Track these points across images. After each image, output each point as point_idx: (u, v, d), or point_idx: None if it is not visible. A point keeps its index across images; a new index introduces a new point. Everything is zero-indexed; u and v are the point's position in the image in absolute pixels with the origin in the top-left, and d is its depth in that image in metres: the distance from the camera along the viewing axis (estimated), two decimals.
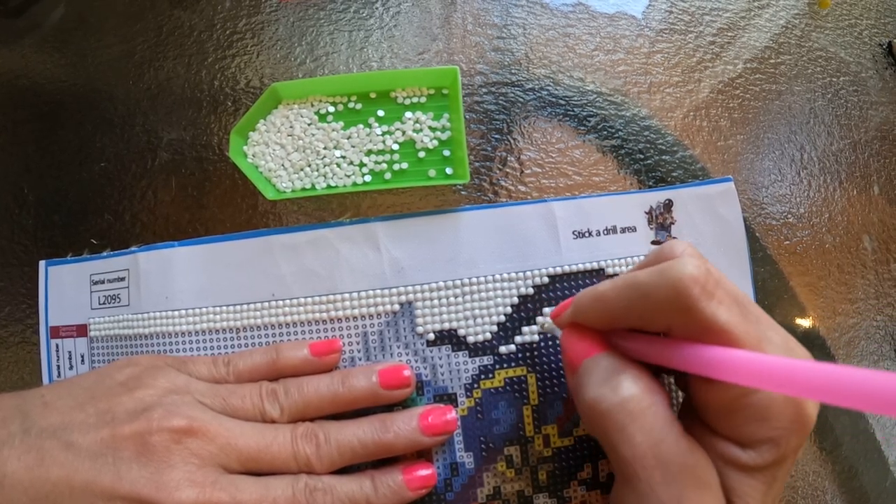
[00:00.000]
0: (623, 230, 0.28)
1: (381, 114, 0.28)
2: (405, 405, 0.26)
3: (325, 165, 0.28)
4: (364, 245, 0.27)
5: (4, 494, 0.20)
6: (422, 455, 0.25)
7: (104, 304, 0.28)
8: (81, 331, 0.28)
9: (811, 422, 0.18)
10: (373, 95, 0.28)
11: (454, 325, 0.26)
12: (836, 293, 0.29)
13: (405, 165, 0.28)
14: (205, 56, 0.29)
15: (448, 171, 0.28)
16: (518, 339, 0.26)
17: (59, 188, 0.29)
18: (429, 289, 0.27)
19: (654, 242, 0.28)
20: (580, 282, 0.27)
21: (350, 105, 0.28)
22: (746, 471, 0.18)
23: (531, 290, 0.27)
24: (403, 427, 0.24)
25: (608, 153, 0.29)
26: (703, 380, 0.18)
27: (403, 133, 0.28)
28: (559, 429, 0.26)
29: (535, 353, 0.26)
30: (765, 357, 0.16)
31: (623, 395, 0.18)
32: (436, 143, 0.28)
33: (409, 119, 0.28)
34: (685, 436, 0.18)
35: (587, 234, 0.27)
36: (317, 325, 0.27)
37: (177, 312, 0.27)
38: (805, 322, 0.29)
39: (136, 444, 0.21)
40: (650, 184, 0.29)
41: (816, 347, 0.29)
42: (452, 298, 0.27)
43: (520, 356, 0.26)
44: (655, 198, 0.28)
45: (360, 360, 0.26)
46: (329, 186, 0.27)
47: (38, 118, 0.30)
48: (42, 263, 0.28)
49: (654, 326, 0.19)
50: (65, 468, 0.20)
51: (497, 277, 0.27)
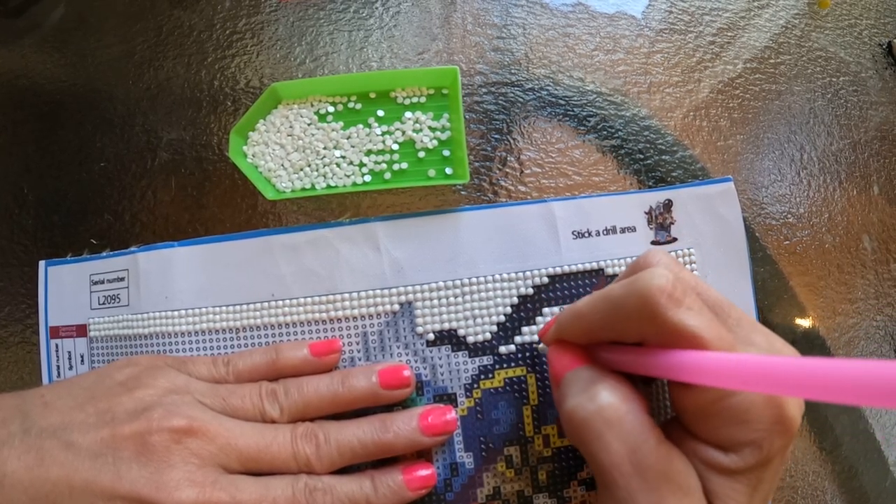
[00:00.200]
0: (623, 230, 0.28)
1: (381, 114, 0.28)
2: (405, 405, 0.26)
3: (325, 165, 0.28)
4: (364, 245, 0.27)
5: (4, 494, 0.20)
6: (422, 455, 0.25)
7: (104, 305, 0.28)
8: (81, 331, 0.28)
9: (794, 423, 0.18)
10: (372, 95, 0.28)
11: (454, 326, 0.26)
12: (836, 293, 0.29)
13: (405, 165, 0.28)
14: (204, 56, 0.29)
15: (448, 171, 0.28)
16: (518, 340, 0.26)
17: (59, 188, 0.29)
18: (429, 289, 0.27)
19: (654, 242, 0.28)
20: (580, 282, 0.27)
21: (350, 105, 0.28)
22: (729, 474, 0.18)
23: (531, 291, 0.27)
24: (403, 427, 0.24)
25: (608, 153, 0.29)
26: (681, 385, 0.18)
27: (403, 133, 0.28)
28: (559, 429, 0.26)
29: (535, 354, 0.26)
30: (730, 356, 0.16)
31: (599, 404, 0.18)
32: (435, 143, 0.28)
33: (409, 119, 0.28)
34: (664, 442, 0.18)
35: (587, 234, 0.27)
36: (317, 326, 0.27)
37: (176, 312, 0.27)
38: (805, 322, 0.29)
39: (136, 444, 0.21)
40: (650, 184, 0.29)
41: (816, 347, 0.29)
42: (452, 298, 0.27)
43: (519, 356, 0.26)
44: (655, 198, 0.28)
45: (360, 361, 0.26)
46: (329, 186, 0.27)
47: (38, 118, 0.30)
48: (42, 263, 0.28)
49: (629, 337, 0.19)
50: (65, 468, 0.20)
51: (497, 277, 0.27)
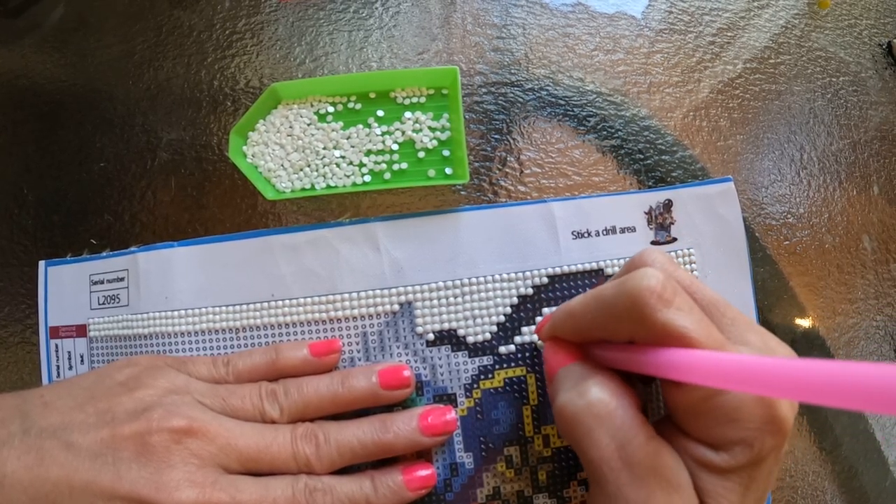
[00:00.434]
0: (622, 230, 0.28)
1: (381, 114, 0.28)
2: (405, 405, 0.26)
3: (325, 165, 0.28)
4: (364, 245, 0.27)
5: (4, 494, 0.20)
6: (421, 455, 0.25)
7: (104, 305, 0.28)
8: (81, 331, 0.28)
9: (786, 423, 0.18)
10: (372, 95, 0.28)
11: (454, 326, 0.26)
12: (836, 293, 0.29)
13: (405, 165, 0.28)
14: (204, 56, 0.29)
15: (448, 171, 0.28)
16: (518, 340, 0.26)
17: (59, 188, 0.29)
18: (428, 289, 0.27)
19: (654, 242, 0.28)
20: (579, 282, 0.27)
21: (349, 105, 0.28)
22: (720, 473, 0.18)
23: (531, 291, 0.27)
24: (403, 427, 0.24)
25: (608, 153, 0.29)
26: (672, 383, 0.18)
27: (403, 133, 0.28)
28: (559, 429, 0.26)
29: (535, 354, 0.26)
30: (716, 354, 0.16)
31: (589, 399, 0.19)
32: (435, 143, 0.28)
33: (409, 119, 0.28)
34: (654, 438, 0.18)
35: (587, 235, 0.27)
36: (316, 326, 0.27)
37: (176, 312, 0.27)
38: (805, 322, 0.29)
39: (136, 444, 0.21)
40: (650, 184, 0.29)
41: (816, 347, 0.29)
42: (452, 298, 0.27)
43: (519, 356, 0.26)
44: (655, 198, 0.28)
45: (360, 361, 0.26)
46: (329, 186, 0.27)
47: (38, 118, 0.30)
48: (42, 263, 0.28)
49: (620, 336, 0.19)
50: (64, 468, 0.20)
51: (497, 278, 0.27)
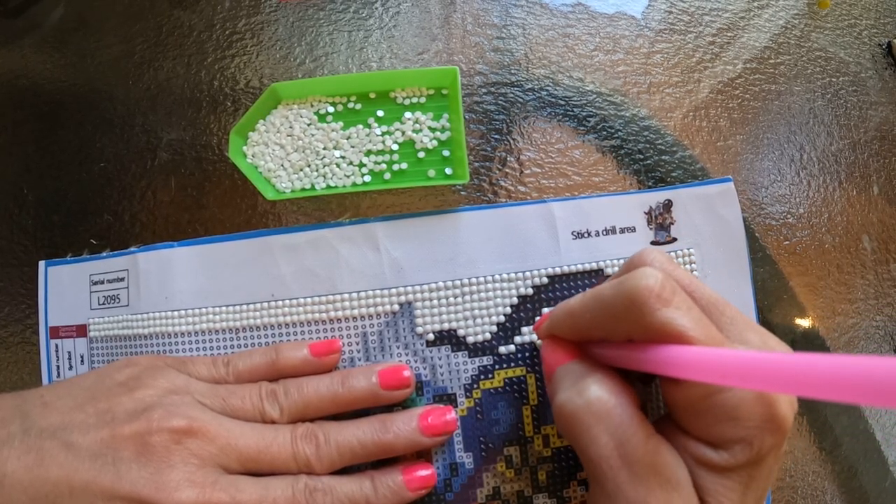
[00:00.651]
0: (622, 230, 0.28)
1: (381, 114, 0.28)
2: (405, 406, 0.26)
3: (325, 166, 0.28)
4: (364, 245, 0.27)
5: (4, 494, 0.20)
6: (421, 455, 0.25)
7: (104, 305, 0.28)
8: (81, 331, 0.28)
9: (785, 421, 0.18)
10: (372, 96, 0.28)
11: (454, 326, 0.26)
12: (836, 293, 0.29)
13: (405, 166, 0.28)
14: (204, 56, 0.29)
15: (447, 172, 0.28)
16: (518, 340, 0.26)
17: (59, 188, 0.29)
18: (428, 289, 0.27)
19: (654, 243, 0.28)
20: (579, 282, 0.27)
21: (349, 105, 0.28)
22: (719, 471, 0.18)
23: (531, 291, 0.27)
24: (403, 427, 0.24)
25: (608, 153, 0.29)
26: (671, 381, 0.18)
27: (403, 133, 0.28)
28: (559, 429, 0.26)
29: (535, 354, 0.26)
30: (714, 350, 0.16)
31: (588, 397, 0.19)
32: (435, 144, 0.28)
33: (409, 119, 0.28)
34: (653, 436, 0.18)
35: (586, 235, 0.27)
36: (316, 326, 0.27)
37: (176, 313, 0.27)
38: (805, 322, 0.29)
39: (136, 445, 0.21)
40: (650, 184, 0.29)
41: (816, 347, 0.29)
42: (452, 299, 0.27)
43: (519, 356, 0.26)
44: (655, 198, 0.28)
45: (360, 361, 0.26)
46: (328, 187, 0.27)
47: (38, 118, 0.30)
48: (41, 264, 0.28)
49: (619, 336, 0.19)
50: (64, 468, 0.20)
51: (496, 278, 0.27)
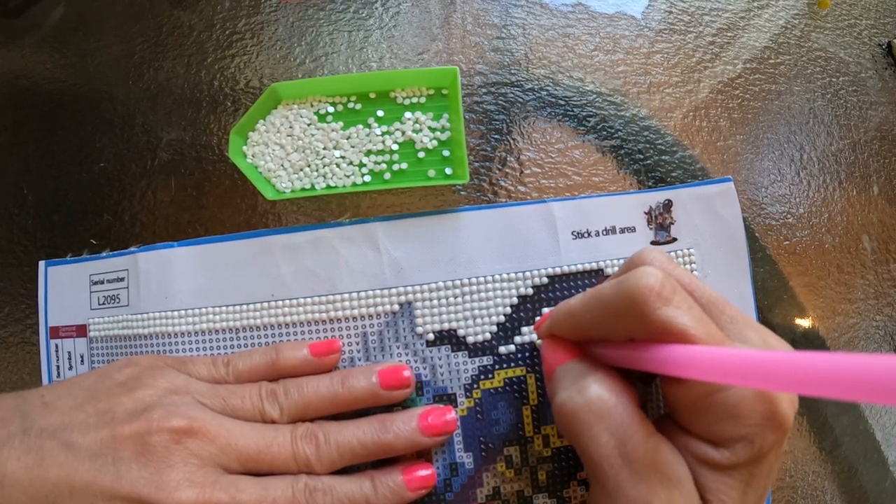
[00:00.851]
0: (622, 230, 0.28)
1: (381, 114, 0.28)
2: (405, 406, 0.26)
3: (325, 166, 0.28)
4: (364, 245, 0.27)
5: (4, 494, 0.20)
6: (421, 455, 0.25)
7: (104, 305, 0.28)
8: (81, 331, 0.28)
9: (786, 419, 0.18)
10: (372, 96, 0.28)
11: (454, 326, 0.26)
12: (836, 293, 0.29)
13: (405, 166, 0.28)
14: (204, 56, 0.29)
15: (447, 172, 0.28)
16: (518, 340, 0.26)
17: (59, 188, 0.29)
18: (428, 289, 0.27)
19: (654, 242, 0.28)
20: (579, 282, 0.27)
21: (349, 105, 0.28)
22: (721, 469, 0.18)
23: (531, 291, 0.27)
24: (403, 427, 0.24)
25: (608, 153, 0.29)
26: (671, 379, 0.18)
27: (403, 133, 0.28)
28: (559, 429, 0.26)
29: (535, 354, 0.26)
30: (715, 349, 0.16)
31: (589, 396, 0.19)
32: (435, 144, 0.28)
33: (409, 119, 0.28)
34: (654, 434, 0.18)
35: (586, 235, 0.27)
36: (316, 326, 0.27)
37: (176, 313, 0.27)
38: (805, 322, 0.29)
39: (136, 445, 0.21)
40: (650, 184, 0.29)
41: (816, 347, 0.29)
42: (452, 299, 0.27)
43: (519, 356, 0.26)
44: (655, 198, 0.28)
45: (360, 361, 0.26)
46: (328, 187, 0.27)
47: (38, 118, 0.30)
48: (41, 264, 0.28)
49: (619, 335, 0.19)
50: (64, 468, 0.20)
51: (496, 278, 0.27)
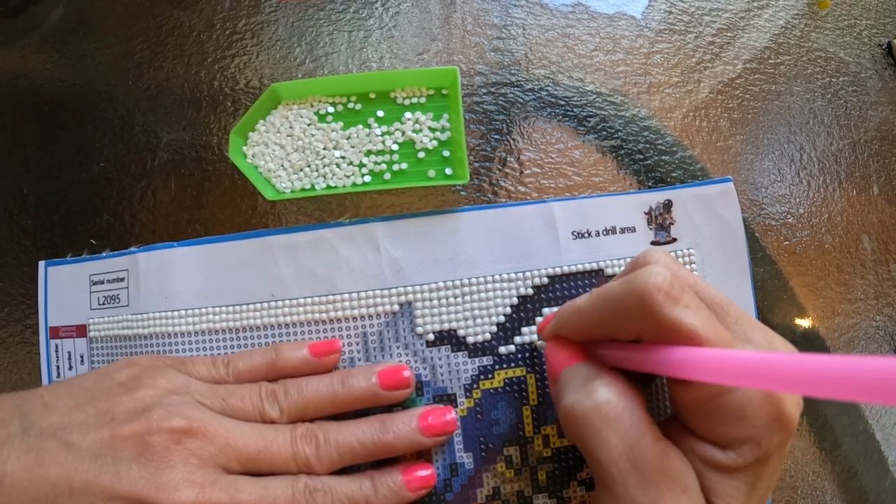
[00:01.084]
0: (622, 230, 0.28)
1: (381, 114, 0.28)
2: (405, 406, 0.26)
3: (325, 166, 0.28)
4: (364, 245, 0.27)
5: (4, 495, 0.20)
6: (421, 455, 0.25)
7: (104, 305, 0.28)
8: (81, 331, 0.28)
9: (792, 420, 0.18)
10: (372, 96, 0.28)
11: (454, 326, 0.26)
12: (836, 293, 0.29)
13: (405, 166, 0.28)
14: (204, 56, 0.29)
15: (448, 172, 0.28)
16: (518, 340, 0.26)
17: (59, 188, 0.29)
18: (428, 289, 0.27)
19: (654, 243, 0.28)
20: (579, 282, 0.27)
21: (349, 105, 0.28)
22: (727, 471, 0.18)
23: (531, 291, 0.27)
24: (403, 428, 0.24)
25: (608, 153, 0.29)
26: (678, 381, 0.18)
27: (403, 133, 0.28)
28: (559, 429, 0.26)
29: (535, 354, 0.26)
30: (725, 352, 0.16)
31: (597, 400, 0.19)
32: (435, 144, 0.28)
33: (409, 119, 0.28)
34: (661, 439, 0.18)
35: (587, 235, 0.27)
36: (316, 326, 0.27)
37: (176, 313, 0.27)
38: (804, 322, 0.29)
39: (136, 445, 0.21)
40: (650, 184, 0.29)
41: (816, 347, 0.29)
42: (452, 299, 0.27)
43: (519, 356, 0.26)
44: (655, 198, 0.28)
45: (360, 361, 0.26)
46: (328, 187, 0.27)
47: (38, 118, 0.30)
48: (41, 264, 0.28)
49: (627, 335, 0.19)
50: (64, 468, 0.20)
51: (497, 278, 0.27)
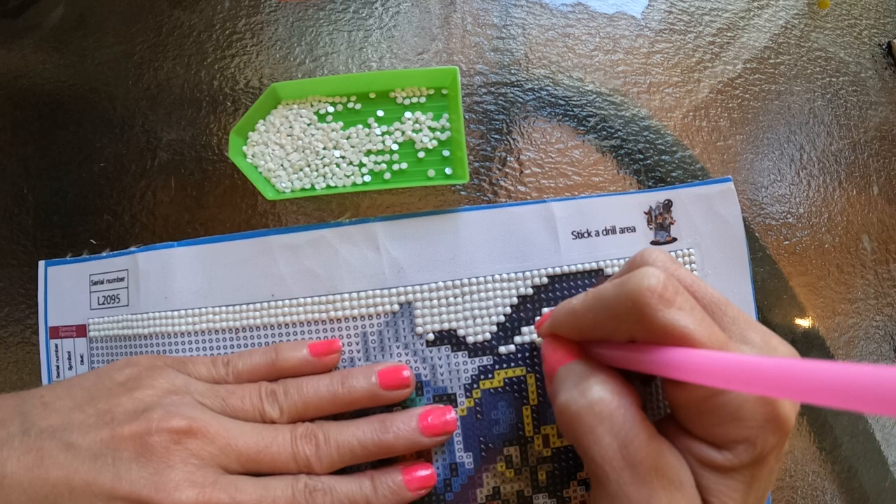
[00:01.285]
0: (622, 230, 0.28)
1: (381, 114, 0.28)
2: (405, 405, 0.26)
3: (325, 165, 0.28)
4: (363, 245, 0.27)
5: (4, 495, 0.20)
6: (421, 455, 0.25)
7: (103, 305, 0.28)
8: (81, 331, 0.28)
9: (788, 421, 0.18)
10: (372, 95, 0.28)
11: (454, 326, 0.26)
12: (836, 293, 0.29)
13: (404, 165, 0.28)
14: (204, 56, 0.29)
15: (447, 172, 0.28)
16: (517, 340, 0.26)
17: (59, 188, 0.29)
18: (428, 289, 0.27)
19: (654, 242, 0.28)
20: (579, 282, 0.27)
21: (349, 105, 0.28)
22: (723, 472, 0.18)
23: (530, 291, 0.27)
24: (403, 427, 0.24)
25: (607, 153, 0.29)
26: (673, 382, 0.18)
27: (403, 133, 0.28)
28: (559, 429, 0.26)
29: (535, 354, 0.26)
30: (717, 354, 0.16)
31: (591, 398, 0.19)
32: (435, 144, 0.28)
33: (409, 119, 0.28)
34: (656, 437, 0.18)
35: (586, 235, 0.27)
36: (316, 326, 0.27)
37: (176, 313, 0.27)
38: (804, 322, 0.29)
39: (136, 445, 0.21)
40: (649, 184, 0.29)
41: (816, 347, 0.29)
42: (452, 299, 0.27)
43: (519, 356, 0.26)
44: (655, 198, 0.28)
45: (360, 361, 0.26)
46: (328, 187, 0.27)
47: (38, 118, 0.30)
48: (41, 264, 0.28)
49: (621, 336, 0.19)
50: (64, 469, 0.20)
51: (496, 278, 0.27)
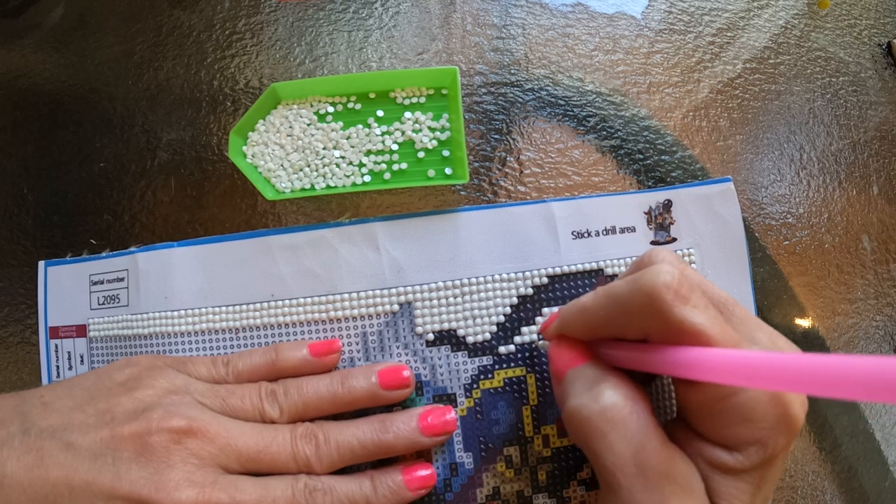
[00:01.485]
0: (622, 230, 0.28)
1: (381, 114, 0.28)
2: (405, 405, 0.26)
3: (325, 166, 0.28)
4: (363, 245, 0.27)
5: (4, 495, 0.20)
6: (421, 455, 0.25)
7: (103, 305, 0.28)
8: (81, 331, 0.28)
9: (798, 421, 0.18)
10: (372, 95, 0.28)
11: (453, 326, 0.26)
12: (836, 293, 0.29)
13: (404, 166, 0.28)
14: (204, 56, 0.29)
15: (447, 172, 0.28)
16: (517, 340, 0.26)
17: (59, 188, 0.29)
18: (428, 289, 0.27)
19: (654, 243, 0.28)
20: (579, 282, 0.27)
21: (349, 105, 0.28)
22: (733, 473, 0.18)
23: (530, 291, 0.27)
24: (403, 427, 0.24)
25: (607, 153, 0.29)
26: (686, 382, 0.18)
27: (403, 133, 0.28)
28: (559, 429, 0.26)
29: (535, 354, 0.26)
30: (735, 352, 0.16)
31: (603, 404, 0.18)
32: (435, 144, 0.28)
33: (409, 119, 0.28)
34: (667, 443, 0.18)
35: (586, 235, 0.27)
36: (316, 326, 0.27)
37: (176, 313, 0.27)
38: (804, 322, 0.29)
39: (136, 445, 0.21)
40: (649, 184, 0.29)
41: (816, 347, 0.29)
42: (452, 299, 0.27)
43: (519, 356, 0.26)
44: (655, 198, 0.28)
45: (360, 361, 0.26)
46: (328, 187, 0.27)
47: (38, 118, 0.30)
48: (41, 264, 0.28)
49: (633, 334, 0.19)
50: (64, 469, 0.20)
51: (496, 278, 0.27)
